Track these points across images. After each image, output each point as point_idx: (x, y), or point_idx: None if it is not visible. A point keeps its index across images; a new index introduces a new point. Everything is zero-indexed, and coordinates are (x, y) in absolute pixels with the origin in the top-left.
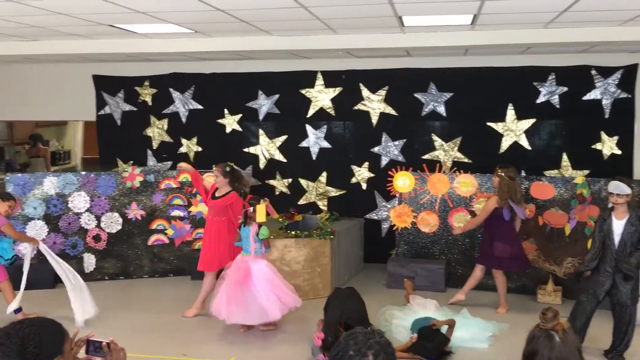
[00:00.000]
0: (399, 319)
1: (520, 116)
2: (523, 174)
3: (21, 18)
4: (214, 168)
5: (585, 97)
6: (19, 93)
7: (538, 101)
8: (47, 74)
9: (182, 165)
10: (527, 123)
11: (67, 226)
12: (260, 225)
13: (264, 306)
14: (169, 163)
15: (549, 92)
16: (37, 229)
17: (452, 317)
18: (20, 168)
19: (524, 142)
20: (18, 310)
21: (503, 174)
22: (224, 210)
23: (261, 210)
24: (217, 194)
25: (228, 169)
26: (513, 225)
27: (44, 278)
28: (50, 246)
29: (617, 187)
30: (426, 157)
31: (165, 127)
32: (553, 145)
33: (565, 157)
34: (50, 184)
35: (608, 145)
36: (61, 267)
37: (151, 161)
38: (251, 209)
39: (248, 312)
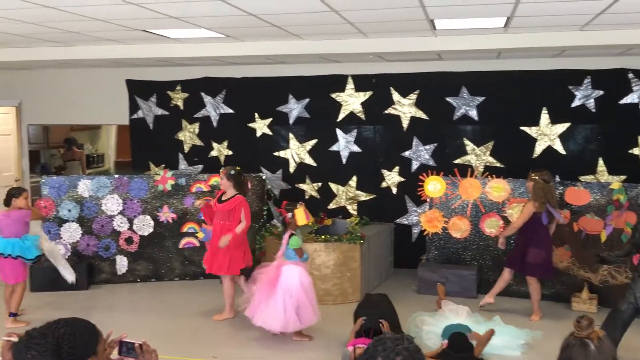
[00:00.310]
0: (430, 325)
1: (554, 120)
2: (557, 179)
3: (58, 24)
4: (220, 171)
5: (622, 101)
6: (55, 97)
7: (573, 105)
8: (82, 79)
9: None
10: (562, 127)
11: (100, 228)
12: (292, 234)
13: (281, 316)
14: (200, 167)
15: (584, 96)
16: (71, 231)
17: (484, 323)
18: (55, 171)
19: (559, 147)
20: (14, 314)
21: (537, 177)
22: (229, 214)
23: (300, 214)
24: (223, 198)
25: (232, 172)
26: (549, 230)
27: (78, 279)
28: (84, 248)
29: None
30: (458, 161)
31: (197, 131)
32: (588, 150)
33: (601, 162)
34: (84, 187)
35: None
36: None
37: (182, 165)
38: (289, 214)
39: (269, 317)
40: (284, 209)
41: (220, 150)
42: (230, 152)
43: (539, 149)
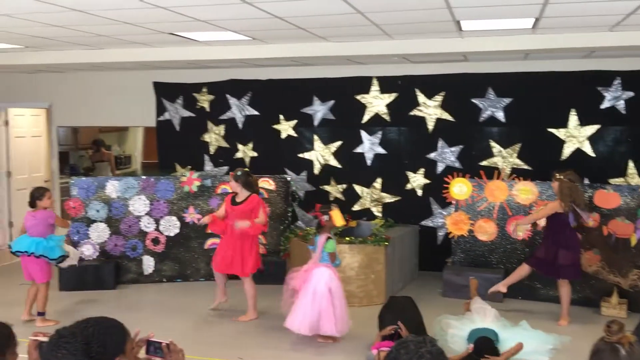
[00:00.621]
0: (455, 328)
1: (583, 122)
2: (586, 181)
3: (88, 27)
4: (229, 174)
5: None
6: (84, 100)
7: (602, 106)
8: (110, 81)
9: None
10: (591, 129)
11: (127, 229)
12: (329, 237)
13: (302, 317)
14: (225, 168)
15: (614, 97)
16: (99, 231)
17: (511, 328)
18: (84, 172)
19: (587, 149)
20: (41, 313)
21: (563, 177)
22: (249, 214)
23: (337, 215)
24: (237, 200)
25: (239, 173)
26: (576, 232)
27: (105, 279)
28: (111, 248)
29: None
30: (484, 163)
31: (222, 132)
32: (618, 152)
33: (631, 164)
34: (112, 188)
35: None
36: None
37: (208, 166)
38: (325, 217)
39: (295, 318)
40: (318, 212)
41: (245, 151)
42: (255, 154)
43: (567, 151)
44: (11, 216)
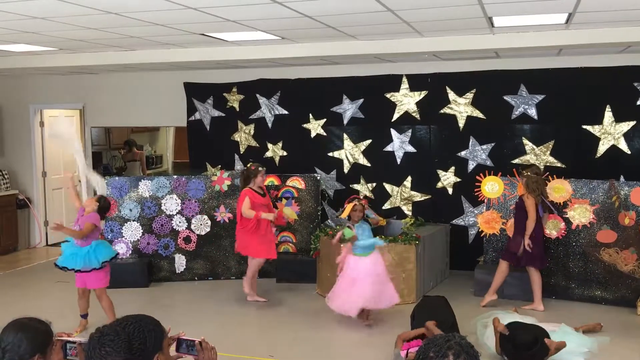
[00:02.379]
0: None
1: (618, 118)
2: (622, 179)
3: (121, 29)
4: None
5: None
6: (116, 100)
7: (639, 102)
8: (142, 82)
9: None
10: (627, 125)
11: (159, 228)
12: (348, 226)
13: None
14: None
15: None
16: (132, 229)
17: (551, 332)
18: (117, 171)
19: (623, 146)
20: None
21: (529, 173)
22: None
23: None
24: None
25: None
26: (542, 222)
27: (138, 277)
28: (144, 247)
29: None
30: (516, 161)
31: (252, 132)
32: None
33: None
34: (144, 187)
35: None
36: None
37: (238, 165)
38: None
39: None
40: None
41: (275, 151)
42: (284, 153)
43: (602, 148)
44: (47, 215)
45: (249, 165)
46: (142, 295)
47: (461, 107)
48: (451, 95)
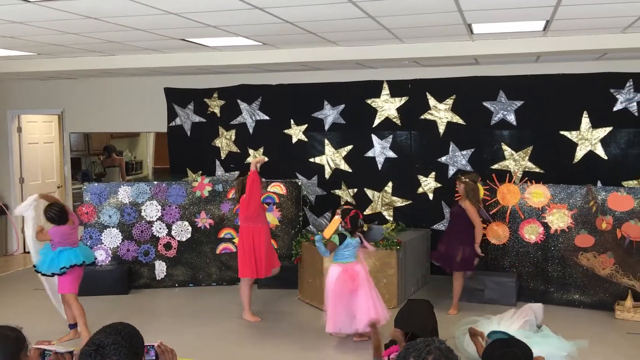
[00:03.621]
0: (479, 327)
1: (595, 124)
2: (599, 184)
3: (100, 34)
4: None
5: None
6: (95, 106)
7: (615, 109)
8: (122, 87)
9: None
10: (603, 131)
11: (139, 234)
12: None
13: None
14: (237, 173)
15: (626, 99)
16: (112, 236)
17: (533, 335)
18: (96, 178)
19: (600, 152)
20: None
21: (467, 180)
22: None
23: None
24: None
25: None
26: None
27: (118, 284)
28: (124, 253)
29: None
30: (495, 167)
31: (233, 137)
32: (631, 155)
33: None
34: (124, 193)
35: None
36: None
37: (219, 171)
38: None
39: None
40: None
41: (256, 156)
42: (266, 159)
43: (579, 153)
44: (24, 222)
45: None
46: (122, 303)
47: (441, 113)
48: (431, 101)
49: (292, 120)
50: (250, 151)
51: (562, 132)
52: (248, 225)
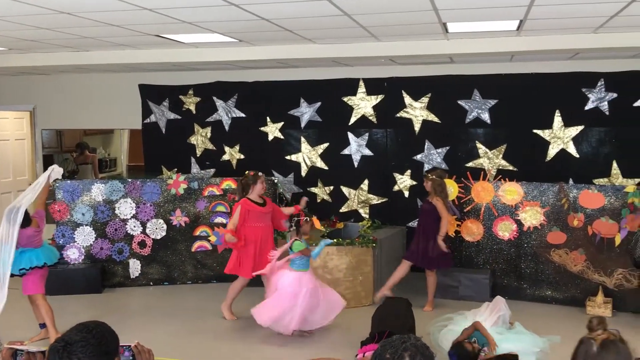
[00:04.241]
0: (453, 323)
1: (567, 123)
2: (571, 182)
3: (73, 29)
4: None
5: (636, 104)
6: (68, 102)
7: (586, 108)
8: (95, 84)
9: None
10: (575, 130)
11: (113, 232)
12: (296, 239)
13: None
14: (212, 170)
15: (598, 99)
16: (85, 234)
17: (507, 332)
18: (69, 175)
19: (572, 150)
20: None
21: (434, 177)
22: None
23: (316, 221)
24: (259, 202)
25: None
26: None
27: (91, 283)
28: (97, 252)
29: None
30: (470, 165)
31: (209, 135)
32: (602, 153)
33: (615, 165)
34: (97, 191)
35: None
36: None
37: (195, 169)
38: (306, 219)
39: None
40: (302, 212)
41: (232, 154)
42: (242, 156)
43: (552, 152)
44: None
45: (246, 172)
46: (95, 302)
47: (417, 111)
48: (407, 99)
49: (268, 118)
50: (226, 148)
51: (535, 131)
52: (251, 225)
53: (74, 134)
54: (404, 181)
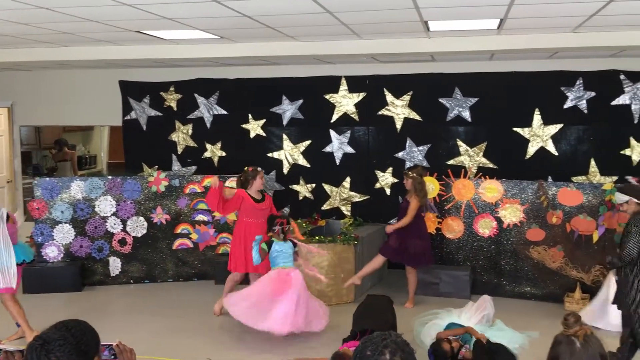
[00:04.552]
0: (439, 318)
1: (547, 121)
2: (550, 180)
3: (53, 25)
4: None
5: (614, 102)
6: (47, 98)
7: (565, 106)
8: (75, 80)
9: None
10: (554, 128)
11: (93, 230)
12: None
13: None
14: (194, 168)
15: (576, 97)
16: (64, 232)
17: (488, 329)
18: (47, 172)
19: (551, 148)
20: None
21: (415, 174)
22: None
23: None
24: (257, 198)
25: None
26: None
27: (70, 281)
28: (77, 250)
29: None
30: (451, 162)
31: (190, 132)
32: (581, 151)
33: (593, 163)
34: (77, 188)
35: (637, 151)
36: None
37: (176, 166)
38: (288, 226)
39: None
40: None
41: (213, 151)
42: (223, 153)
43: (531, 150)
44: None
45: (245, 168)
46: (75, 300)
47: (398, 109)
48: (389, 97)
49: (250, 115)
50: (208, 146)
51: (514, 129)
52: (244, 220)
53: (53, 130)
54: (385, 179)
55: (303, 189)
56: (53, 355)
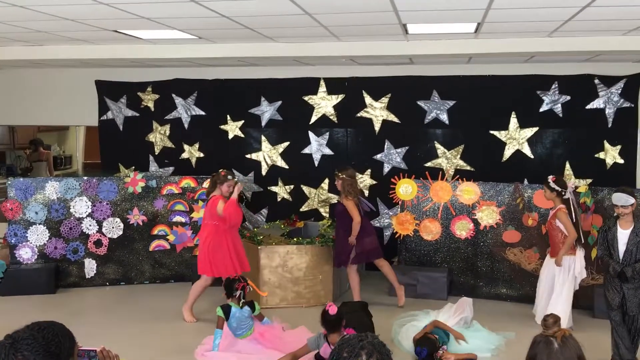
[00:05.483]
0: (417, 320)
1: (523, 125)
2: (526, 182)
3: (27, 23)
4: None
5: (589, 106)
6: (22, 98)
7: (541, 110)
8: (51, 79)
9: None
10: (530, 131)
11: (68, 231)
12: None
13: None
14: (171, 169)
15: (552, 101)
16: (38, 233)
17: (465, 330)
18: (22, 173)
19: (527, 151)
20: None
21: (344, 175)
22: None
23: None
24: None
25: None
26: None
27: (44, 283)
28: (51, 251)
29: (621, 199)
30: (429, 164)
31: (168, 132)
32: (556, 154)
33: (568, 165)
34: (52, 189)
35: (611, 154)
36: None
37: (153, 167)
38: (249, 288)
39: None
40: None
41: (191, 152)
42: (201, 155)
43: (507, 152)
44: None
45: (220, 170)
46: (49, 302)
47: (377, 111)
48: (367, 99)
49: (228, 116)
50: (186, 147)
51: (491, 132)
52: (210, 222)
53: (28, 130)
54: (364, 180)
55: (281, 191)
56: (20, 354)
